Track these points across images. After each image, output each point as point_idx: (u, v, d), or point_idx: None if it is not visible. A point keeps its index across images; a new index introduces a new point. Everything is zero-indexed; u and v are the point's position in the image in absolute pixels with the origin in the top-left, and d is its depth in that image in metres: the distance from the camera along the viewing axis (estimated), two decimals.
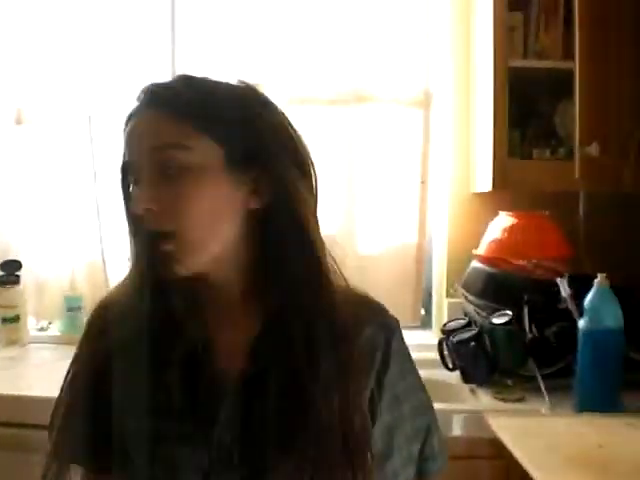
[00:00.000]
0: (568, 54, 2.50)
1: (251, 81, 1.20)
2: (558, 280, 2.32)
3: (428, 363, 2.63)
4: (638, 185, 2.40)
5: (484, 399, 2.32)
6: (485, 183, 2.61)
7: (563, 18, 2.54)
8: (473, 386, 2.42)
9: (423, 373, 2.57)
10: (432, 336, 2.87)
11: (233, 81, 1.21)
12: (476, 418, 2.15)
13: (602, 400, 2.12)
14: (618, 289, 2.16)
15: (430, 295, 2.98)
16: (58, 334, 3.03)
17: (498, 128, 2.52)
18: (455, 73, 2.84)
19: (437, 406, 2.27)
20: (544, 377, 2.26)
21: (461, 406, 2.32)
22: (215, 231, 1.12)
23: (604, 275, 2.15)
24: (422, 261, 2.83)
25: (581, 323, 2.16)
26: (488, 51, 2.55)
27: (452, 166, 2.87)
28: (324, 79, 2.77)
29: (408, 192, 2.79)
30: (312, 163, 1.23)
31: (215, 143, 1.11)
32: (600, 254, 2.52)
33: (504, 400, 2.28)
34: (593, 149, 2.40)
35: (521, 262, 2.49)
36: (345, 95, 2.75)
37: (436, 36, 2.81)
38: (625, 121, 2.45)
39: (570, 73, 2.46)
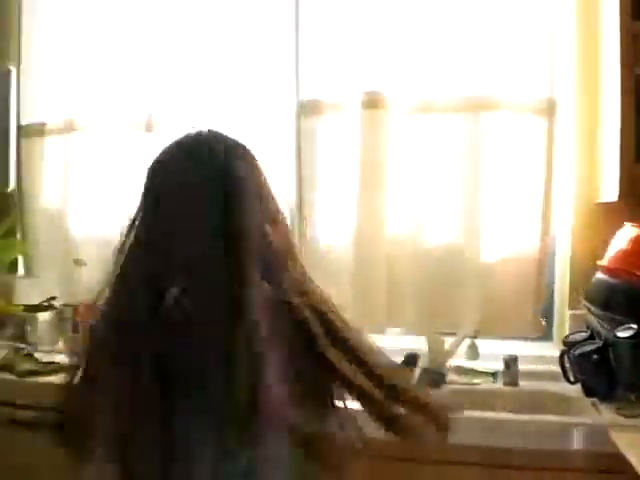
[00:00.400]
0: None
1: (374, 89, 1.22)
2: None
3: (549, 375, 2.61)
4: None
5: (606, 414, 2.27)
6: (611, 192, 2.55)
7: None
8: (595, 400, 2.37)
9: (543, 385, 2.55)
10: (553, 348, 2.82)
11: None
12: (598, 432, 2.11)
13: None
14: None
15: (552, 306, 2.93)
16: None
17: (625, 136, 2.46)
18: (580, 80, 2.79)
19: (558, 419, 2.26)
20: None
21: (582, 420, 2.27)
22: None
23: None
24: (544, 271, 2.78)
25: None
26: (614, 58, 2.50)
27: (577, 175, 2.81)
28: (446, 87, 2.76)
29: (531, 201, 2.75)
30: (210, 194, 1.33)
31: None
32: None
33: (626, 416, 2.22)
34: None
35: None
36: (467, 103, 2.74)
37: (560, 43, 2.76)
38: None
39: None
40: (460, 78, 2.74)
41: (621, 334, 2.32)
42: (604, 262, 2.56)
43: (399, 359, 2.59)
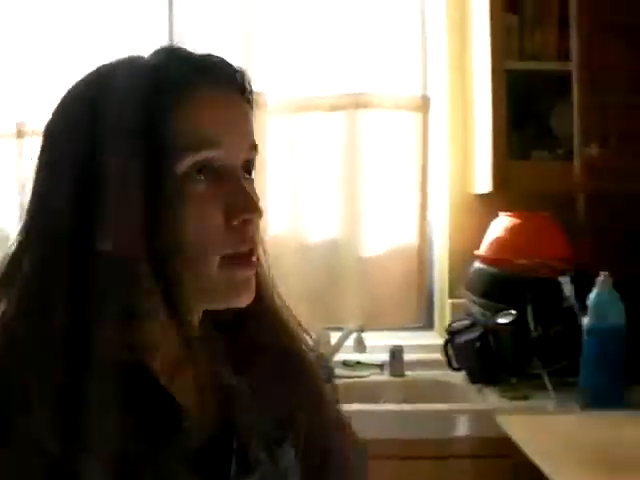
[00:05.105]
0: (563, 55, 2.53)
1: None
2: (560, 279, 2.35)
3: (433, 364, 2.68)
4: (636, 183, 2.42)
5: (491, 398, 2.35)
6: (485, 184, 2.64)
7: (558, 18, 2.57)
8: (479, 386, 2.45)
9: (429, 374, 2.61)
10: (435, 336, 2.89)
11: None
12: (484, 417, 2.17)
13: (607, 396, 2.15)
14: (620, 285, 2.19)
15: (432, 295, 2.99)
16: None
17: (496, 130, 2.55)
18: (452, 75, 2.86)
19: (444, 407, 2.32)
20: (549, 375, 2.29)
21: (468, 406, 2.34)
22: None
23: (606, 273, 2.17)
24: (424, 262, 2.84)
25: (585, 321, 2.19)
26: (485, 53, 2.58)
27: (451, 168, 2.88)
28: (323, 85, 2.78)
29: (408, 195, 2.80)
30: None
31: None
32: (601, 252, 2.52)
33: (510, 398, 2.30)
34: (593, 149, 2.42)
35: (523, 261, 2.50)
36: (344, 100, 2.77)
37: (432, 39, 2.82)
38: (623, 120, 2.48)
39: (566, 74, 2.48)
40: (336, 76, 2.76)
41: (501, 320, 2.41)
42: (482, 252, 2.64)
43: None
